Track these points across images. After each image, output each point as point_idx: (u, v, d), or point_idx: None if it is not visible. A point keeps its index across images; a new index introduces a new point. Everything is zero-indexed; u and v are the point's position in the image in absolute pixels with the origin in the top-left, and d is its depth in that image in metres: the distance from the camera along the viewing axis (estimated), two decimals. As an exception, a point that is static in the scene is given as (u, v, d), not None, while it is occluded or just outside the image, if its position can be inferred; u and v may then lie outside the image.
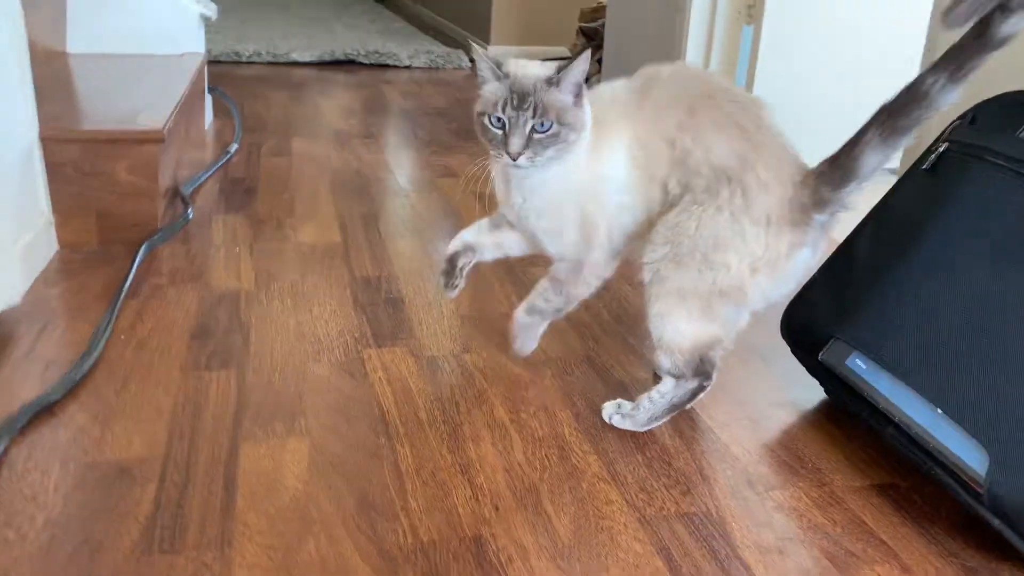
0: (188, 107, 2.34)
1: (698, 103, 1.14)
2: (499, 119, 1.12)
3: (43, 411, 1.19)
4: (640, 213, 1.20)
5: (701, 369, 1.19)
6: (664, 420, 1.23)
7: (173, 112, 1.89)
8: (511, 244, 1.33)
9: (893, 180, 1.31)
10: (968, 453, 0.98)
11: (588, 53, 1.13)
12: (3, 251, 1.46)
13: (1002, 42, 0.96)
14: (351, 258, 1.80)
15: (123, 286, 1.55)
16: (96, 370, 1.31)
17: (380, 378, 1.34)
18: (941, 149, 1.23)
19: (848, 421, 1.28)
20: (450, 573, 0.94)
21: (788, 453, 1.20)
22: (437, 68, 4.20)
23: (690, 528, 1.04)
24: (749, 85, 2.51)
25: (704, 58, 2.52)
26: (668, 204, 1.16)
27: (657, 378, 1.25)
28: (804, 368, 1.31)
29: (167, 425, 1.18)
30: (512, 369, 1.38)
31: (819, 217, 1.12)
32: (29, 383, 1.26)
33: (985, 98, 1.24)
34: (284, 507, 1.03)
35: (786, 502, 1.10)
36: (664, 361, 1.19)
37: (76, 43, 2.51)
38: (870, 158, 1.06)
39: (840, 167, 1.09)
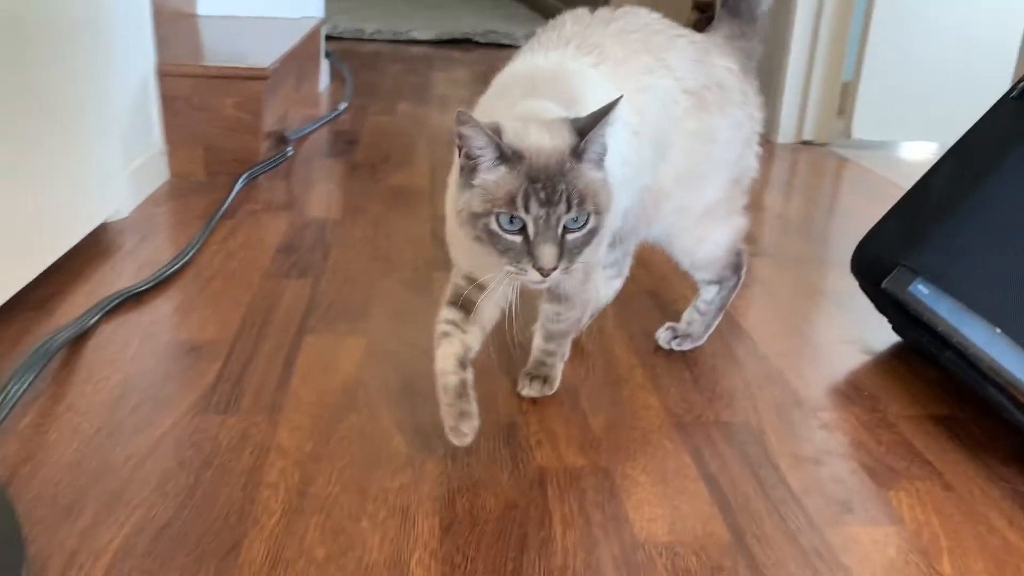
0: (299, 62, 2.47)
1: (636, 41, 1.03)
2: (514, 220, 0.81)
3: (131, 298, 1.29)
4: (638, 183, 1.03)
5: (738, 264, 1.19)
6: (716, 324, 1.23)
7: (281, 58, 2.00)
8: (490, 318, 1.03)
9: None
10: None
11: (621, 100, 0.83)
12: (114, 170, 1.59)
13: None
14: (436, 199, 1.86)
15: (220, 208, 1.66)
16: (185, 271, 1.41)
17: (443, 294, 1.38)
18: (1031, 78, 1.17)
19: (915, 359, 1.23)
20: (479, 450, 0.97)
21: (845, 383, 1.17)
22: (551, 49, 4.24)
23: (726, 435, 1.03)
24: (859, 57, 2.44)
25: (812, 30, 2.46)
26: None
27: None
28: (873, 306, 1.27)
29: (241, 317, 1.26)
30: (574, 295, 1.40)
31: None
32: (124, 277, 1.37)
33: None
34: (334, 387, 1.09)
35: (832, 422, 1.07)
36: (705, 275, 1.19)
37: (204, 6, 2.69)
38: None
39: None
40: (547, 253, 0.81)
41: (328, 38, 4.14)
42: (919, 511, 0.90)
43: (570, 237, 0.83)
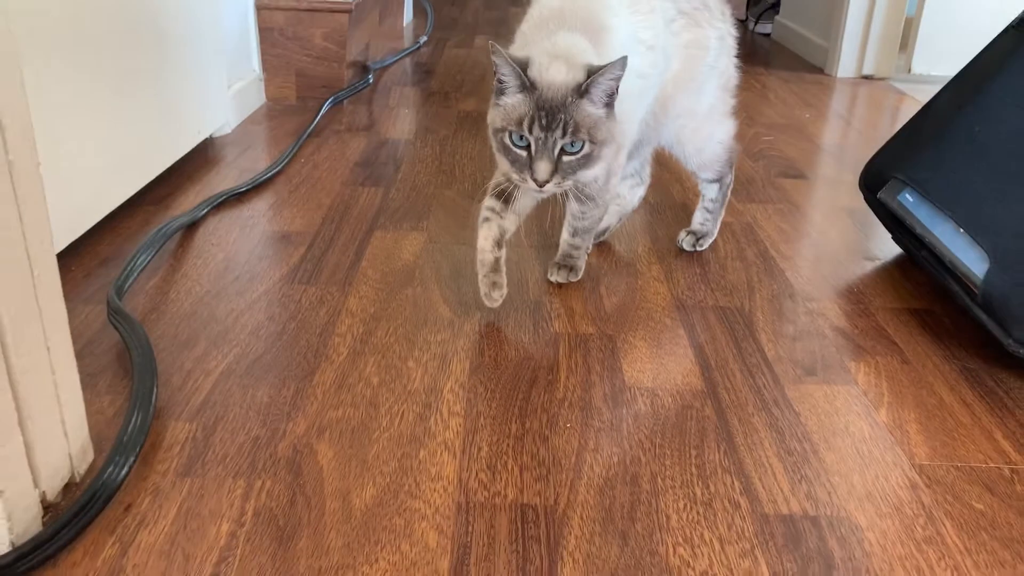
0: (384, 1, 2.66)
1: None
2: (523, 138, 1.02)
3: (233, 197, 1.54)
4: (653, 93, 1.20)
5: (732, 160, 1.39)
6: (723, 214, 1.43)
7: (365, -6, 2.20)
8: (524, 207, 1.22)
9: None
10: (976, 263, 1.08)
11: (625, 59, 0.98)
12: (220, 92, 1.83)
13: None
14: (500, 123, 2.05)
15: (309, 128, 1.90)
16: (277, 177, 1.65)
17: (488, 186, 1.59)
18: (1030, 7, 1.27)
19: (909, 265, 1.37)
20: (508, 318, 1.18)
21: (840, 281, 1.33)
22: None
23: (720, 315, 1.21)
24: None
25: (877, -39, 2.51)
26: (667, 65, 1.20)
27: None
28: (876, 217, 1.41)
29: (323, 215, 1.50)
30: (611, 205, 1.58)
31: None
32: (228, 180, 1.62)
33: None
34: (396, 268, 1.31)
35: (817, 309, 1.23)
36: (707, 174, 1.37)
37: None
38: None
39: None
40: (542, 168, 1.01)
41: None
42: (873, 377, 1.07)
43: (565, 159, 1.02)
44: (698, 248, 1.40)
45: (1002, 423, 0.98)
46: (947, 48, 2.51)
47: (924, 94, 2.42)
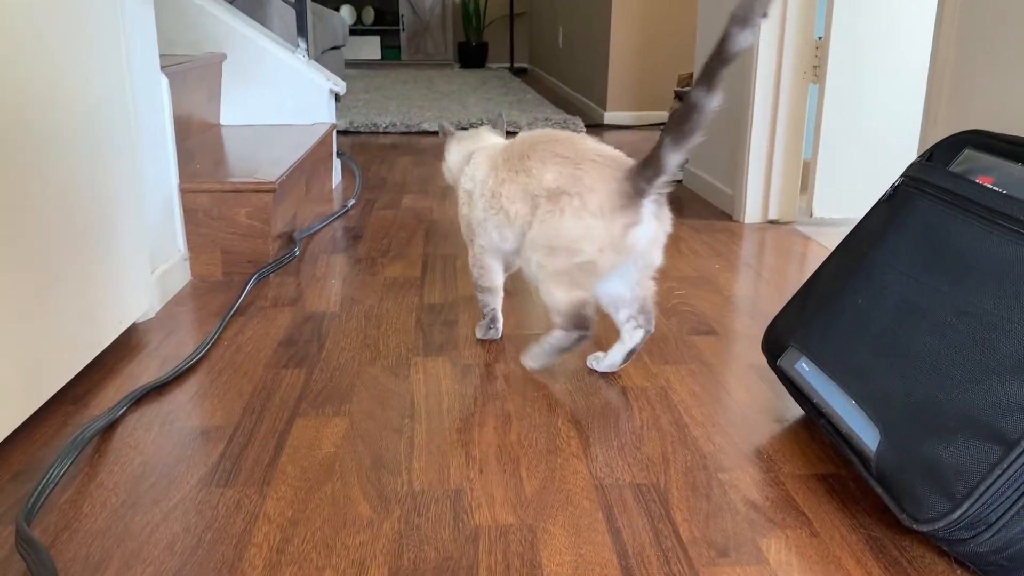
0: (310, 167, 2.76)
1: (528, 150, 1.56)
2: None
3: (154, 390, 1.54)
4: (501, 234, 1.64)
5: (579, 323, 1.54)
6: (556, 359, 1.62)
7: (289, 169, 2.29)
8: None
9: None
10: (869, 436, 1.14)
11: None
12: (143, 277, 1.86)
13: (733, 57, 1.25)
14: (424, 289, 2.11)
15: (233, 307, 1.92)
16: (199, 365, 1.66)
17: (419, 378, 1.62)
18: (897, 182, 1.39)
19: (815, 426, 1.42)
20: (428, 511, 1.19)
21: (750, 447, 1.37)
22: (552, 133, 4.54)
23: (636, 494, 1.23)
24: (816, 140, 2.66)
25: (772, 115, 2.70)
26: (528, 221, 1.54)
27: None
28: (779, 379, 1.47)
29: (244, 404, 1.50)
30: (531, 375, 1.62)
31: (645, 201, 1.44)
32: (150, 371, 1.63)
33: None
34: (316, 462, 1.32)
35: (729, 481, 1.27)
36: (555, 319, 1.55)
37: (228, 116, 3.01)
38: (670, 157, 1.39)
39: (650, 165, 1.41)
40: None
41: (345, 132, 4.49)
42: (784, 554, 1.10)
43: None
44: (525, 360, 1.63)
45: (907, 597, 1.02)
46: (845, 191, 2.68)
47: (827, 238, 2.57)
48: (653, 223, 1.48)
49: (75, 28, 1.53)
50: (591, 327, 1.54)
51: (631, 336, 1.61)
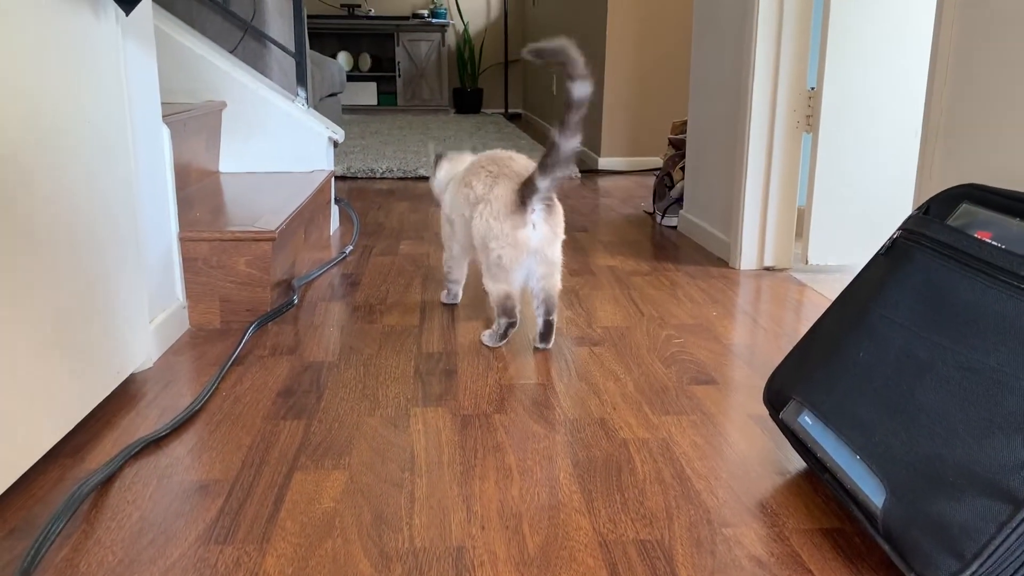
0: (309, 214, 2.77)
1: (473, 168, 2.00)
2: None
3: (152, 443, 1.53)
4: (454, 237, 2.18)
5: (505, 310, 1.97)
6: (500, 342, 2.03)
7: (288, 218, 2.29)
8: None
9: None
10: (874, 492, 1.13)
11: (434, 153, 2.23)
12: (141, 327, 1.85)
13: (579, 104, 1.68)
14: (422, 337, 2.10)
15: (231, 356, 1.91)
16: (198, 416, 1.65)
17: (419, 429, 1.61)
18: (895, 236, 1.40)
19: (817, 479, 1.42)
20: (430, 570, 1.17)
21: (753, 501, 1.36)
22: (547, 179, 4.58)
23: (640, 551, 1.22)
24: (809, 188, 2.69)
25: (766, 163, 2.72)
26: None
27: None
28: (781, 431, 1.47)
29: (242, 457, 1.49)
30: (532, 427, 1.62)
31: (533, 208, 1.86)
32: (147, 423, 1.61)
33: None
34: (316, 518, 1.30)
35: (733, 536, 1.26)
36: (494, 309, 1.99)
37: (227, 164, 3.03)
38: (540, 182, 1.82)
39: (528, 186, 1.84)
40: None
41: (342, 178, 4.52)
42: (791, 614, 1.09)
43: None
44: (483, 338, 2.06)
45: (917, 659, 1.00)
46: (839, 238, 2.69)
47: (823, 285, 2.58)
48: (543, 226, 1.88)
49: (77, 80, 1.54)
50: (516, 317, 1.97)
51: (538, 323, 2.00)
